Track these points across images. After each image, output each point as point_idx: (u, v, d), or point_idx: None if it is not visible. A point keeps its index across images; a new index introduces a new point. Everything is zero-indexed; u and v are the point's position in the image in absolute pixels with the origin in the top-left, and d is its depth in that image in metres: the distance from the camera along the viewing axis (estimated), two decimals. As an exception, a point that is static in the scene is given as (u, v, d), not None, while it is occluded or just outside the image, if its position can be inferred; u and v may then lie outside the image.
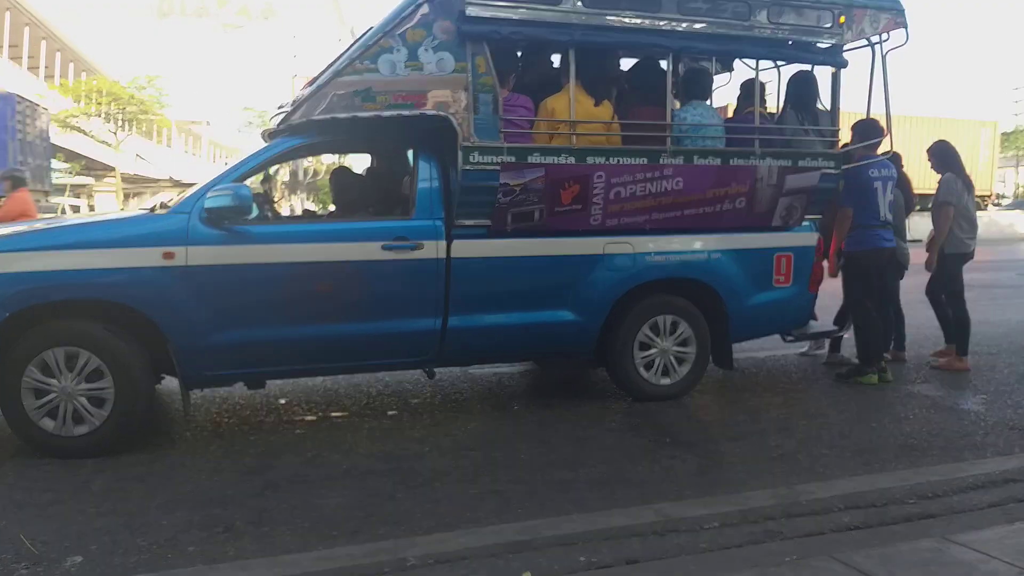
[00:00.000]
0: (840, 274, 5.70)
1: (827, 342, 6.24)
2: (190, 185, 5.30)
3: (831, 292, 5.98)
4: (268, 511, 3.26)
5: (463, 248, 4.49)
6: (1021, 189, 38.60)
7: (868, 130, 5.40)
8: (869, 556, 2.74)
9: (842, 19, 4.95)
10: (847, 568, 2.64)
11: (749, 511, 3.25)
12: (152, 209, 4.87)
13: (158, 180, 44.14)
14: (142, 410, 4.02)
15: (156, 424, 4.50)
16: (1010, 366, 5.74)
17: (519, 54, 5.12)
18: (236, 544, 2.95)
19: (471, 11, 4.25)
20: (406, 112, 4.28)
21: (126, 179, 37.91)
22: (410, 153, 4.77)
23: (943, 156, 5.96)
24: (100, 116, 32.87)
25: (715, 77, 5.86)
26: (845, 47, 5.18)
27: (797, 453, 4.03)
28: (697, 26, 4.72)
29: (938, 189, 5.85)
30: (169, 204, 4.39)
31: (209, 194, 4.07)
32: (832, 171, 5.10)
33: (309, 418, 4.67)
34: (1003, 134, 40.19)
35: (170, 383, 4.57)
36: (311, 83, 4.48)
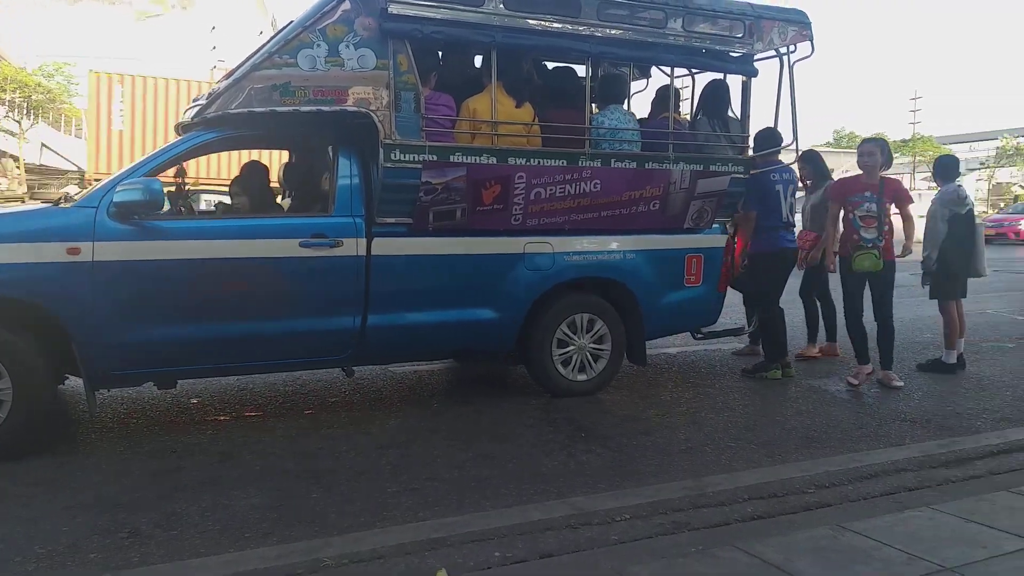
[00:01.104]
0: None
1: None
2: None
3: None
4: (177, 514, 3.18)
5: (384, 246, 4.48)
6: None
7: (769, 139, 5.66)
8: (770, 545, 2.85)
9: (752, 29, 5.15)
10: (749, 557, 2.75)
11: (659, 503, 3.35)
12: (56, 202, 4.69)
13: (66, 172, 42.06)
14: (43, 412, 3.86)
15: (59, 426, 4.32)
16: (902, 361, 6.06)
17: (441, 53, 5.13)
18: (141, 549, 2.87)
19: (393, 9, 4.25)
20: (326, 108, 4.24)
21: (31, 170, 36.04)
22: (329, 149, 4.73)
23: (817, 164, 6.36)
24: (3, 104, 31.21)
25: (632, 83, 6.02)
26: (755, 57, 5.39)
27: (705, 446, 4.18)
28: (615, 32, 4.84)
29: (824, 196, 6.17)
30: (75, 197, 4.23)
31: (118, 188, 3.93)
32: (741, 176, 5.31)
33: (222, 418, 4.57)
34: (901, 141, 42.47)
35: (75, 383, 4.40)
36: (229, 76, 4.39)
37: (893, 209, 5.50)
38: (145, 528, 3.04)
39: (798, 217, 6.14)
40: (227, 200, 5.42)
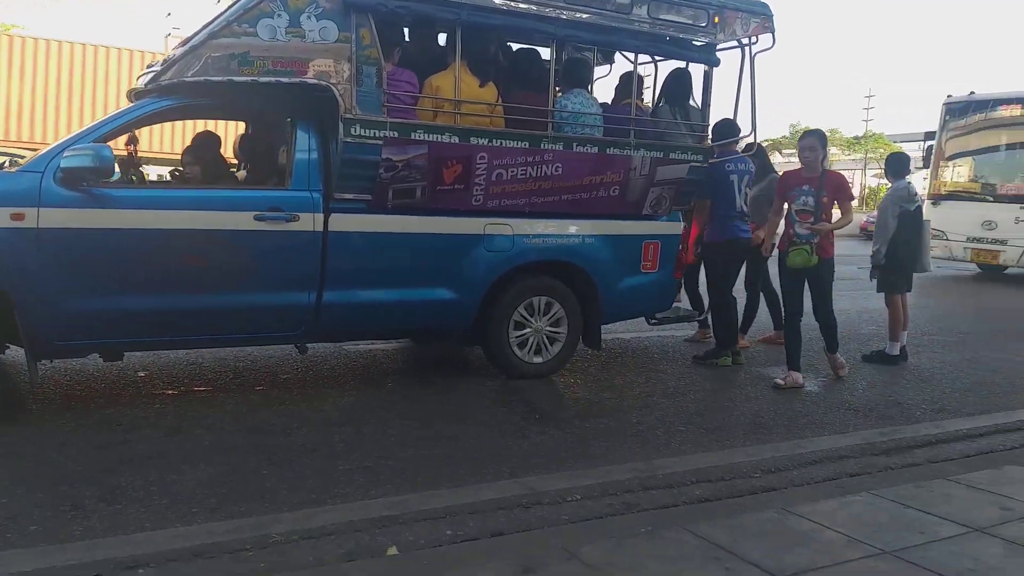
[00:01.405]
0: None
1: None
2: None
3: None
4: (121, 488, 3.11)
5: (341, 222, 4.42)
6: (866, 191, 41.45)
7: (726, 129, 5.73)
8: (717, 527, 2.90)
9: (716, 19, 5.19)
10: (697, 538, 2.80)
11: (609, 484, 3.39)
12: (0, 167, 4.52)
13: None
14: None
15: (-2, 397, 4.20)
16: (847, 352, 6.21)
17: (405, 29, 5.06)
18: (84, 523, 2.80)
19: (357, -19, 4.17)
20: (285, 79, 4.15)
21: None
22: (288, 122, 4.64)
23: (762, 157, 6.49)
24: None
25: (596, 68, 6.02)
26: (718, 47, 5.43)
27: (656, 429, 4.24)
28: (581, 16, 4.83)
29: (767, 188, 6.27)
30: (20, 162, 4.08)
31: (66, 153, 3.80)
32: (700, 164, 5.36)
33: (170, 392, 4.48)
34: (853, 138, 43.21)
35: (16, 352, 4.26)
36: (185, 43, 4.27)
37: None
38: (88, 502, 2.97)
39: None
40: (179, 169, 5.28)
